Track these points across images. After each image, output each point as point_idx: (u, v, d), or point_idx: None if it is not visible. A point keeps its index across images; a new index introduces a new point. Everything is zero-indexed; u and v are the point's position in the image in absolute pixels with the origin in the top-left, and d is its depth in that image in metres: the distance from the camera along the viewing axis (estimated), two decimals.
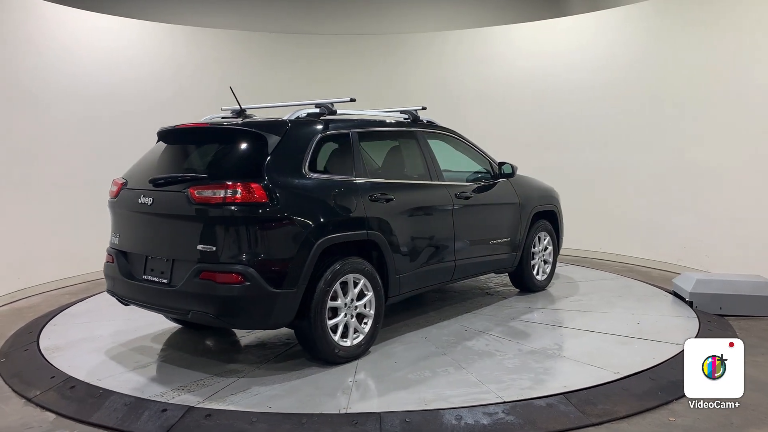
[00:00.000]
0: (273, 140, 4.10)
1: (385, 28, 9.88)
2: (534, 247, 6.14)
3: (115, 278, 4.41)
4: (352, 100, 4.65)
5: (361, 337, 4.35)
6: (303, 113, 4.53)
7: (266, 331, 4.88)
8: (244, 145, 4.17)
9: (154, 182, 4.15)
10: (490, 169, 5.80)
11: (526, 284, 6.16)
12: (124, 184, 4.46)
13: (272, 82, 8.99)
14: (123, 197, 4.41)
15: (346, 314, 4.24)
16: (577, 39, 8.47)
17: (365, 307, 4.39)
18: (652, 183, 7.69)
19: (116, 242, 4.47)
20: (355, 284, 4.31)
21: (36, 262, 6.79)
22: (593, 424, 3.36)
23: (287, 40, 9.28)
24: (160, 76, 8.14)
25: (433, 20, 10.07)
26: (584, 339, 4.77)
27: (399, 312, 5.51)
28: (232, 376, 4.07)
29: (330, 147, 4.52)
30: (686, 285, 5.72)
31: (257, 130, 4.17)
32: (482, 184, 5.66)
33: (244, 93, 8.17)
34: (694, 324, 5.06)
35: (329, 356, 4.17)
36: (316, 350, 4.18)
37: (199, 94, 8.15)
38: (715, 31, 6.93)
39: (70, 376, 4.10)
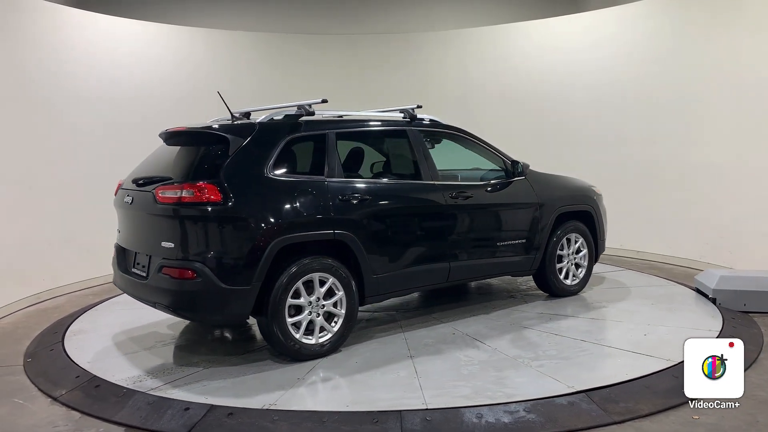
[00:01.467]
0: (237, 142, 4.26)
1: (403, 26, 9.87)
2: (562, 250, 5.79)
3: (115, 271, 4.80)
4: (324, 101, 4.64)
5: (329, 335, 4.41)
6: (280, 115, 4.63)
7: None
8: (210, 148, 4.32)
9: (136, 182, 4.46)
10: (503, 168, 5.59)
11: (551, 288, 5.83)
12: (122, 184, 4.81)
13: (290, 83, 9.03)
14: (118, 196, 4.77)
15: (310, 312, 4.32)
16: (596, 35, 8.39)
17: (336, 306, 4.44)
18: (674, 179, 7.60)
19: (117, 238, 4.88)
20: (323, 283, 4.36)
21: (60, 263, 6.90)
22: (615, 423, 3.34)
23: (304, 40, 9.31)
24: (176, 78, 8.22)
25: (451, 18, 10.03)
26: (576, 352, 4.36)
27: (406, 309, 5.51)
28: (193, 367, 4.21)
29: (301, 148, 4.63)
30: (709, 282, 5.65)
31: (222, 133, 4.35)
32: (489, 183, 5.48)
33: (261, 94, 8.27)
34: (717, 321, 4.99)
35: (289, 352, 4.27)
36: (275, 346, 4.30)
37: (214, 96, 8.20)
38: (739, 26, 6.83)
39: (95, 376, 4.16)
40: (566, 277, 5.88)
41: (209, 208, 4.00)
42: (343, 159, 4.89)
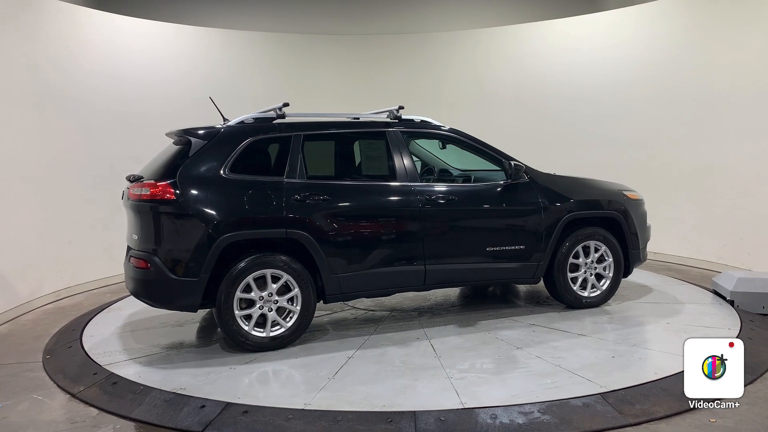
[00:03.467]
0: (198, 144, 4.58)
1: (418, 26, 9.88)
2: (576, 258, 5.42)
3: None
4: (285, 104, 4.86)
5: (282, 330, 4.59)
6: (249, 117, 4.88)
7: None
8: (180, 149, 4.64)
9: (128, 179, 4.73)
10: (503, 170, 5.30)
11: (562, 299, 5.48)
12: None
13: (304, 83, 9.08)
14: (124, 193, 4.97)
15: (261, 307, 4.52)
16: (613, 35, 8.34)
17: (291, 303, 4.60)
18: (692, 179, 7.53)
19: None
20: (277, 279, 4.54)
21: (78, 261, 6.99)
22: (631, 425, 3.31)
23: (319, 40, 9.35)
24: (191, 77, 8.31)
25: (464, 18, 10.02)
26: (532, 374, 3.99)
27: (399, 312, 5.51)
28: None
29: (263, 149, 4.82)
30: (727, 284, 5.59)
31: (187, 136, 4.68)
32: (478, 185, 5.38)
33: (273, 93, 8.30)
34: (735, 324, 4.94)
35: (238, 343, 4.51)
36: (226, 335, 4.56)
37: (228, 95, 8.27)
38: (759, 24, 6.75)
39: (112, 373, 4.22)
40: (584, 287, 5.51)
41: (163, 205, 4.37)
42: (317, 161, 5.05)
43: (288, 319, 4.61)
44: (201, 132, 4.67)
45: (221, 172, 4.50)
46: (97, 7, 7.88)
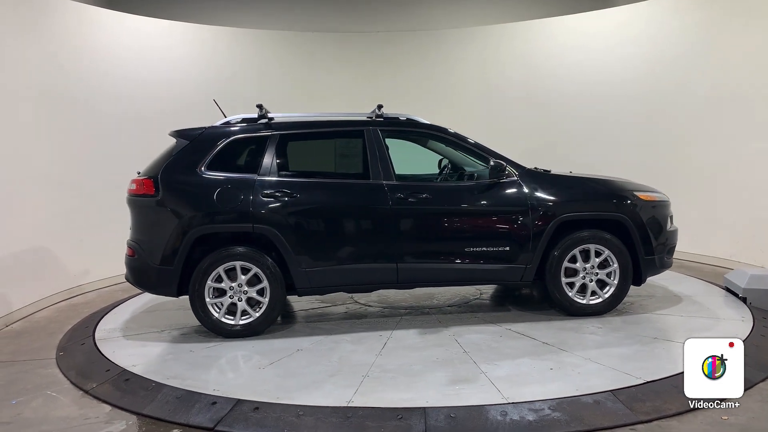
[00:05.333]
0: (182, 143, 4.99)
1: (427, 24, 9.86)
2: (574, 262, 5.08)
3: None
4: (259, 106, 5.19)
5: (251, 319, 4.87)
6: (238, 117, 5.19)
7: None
8: (168, 148, 5.06)
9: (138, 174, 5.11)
10: (489, 168, 5.08)
11: (556, 303, 5.19)
12: None
13: (313, 81, 9.10)
14: None
15: (232, 296, 4.84)
16: (624, 31, 8.29)
17: (260, 294, 4.87)
18: (704, 176, 7.48)
19: None
20: (246, 271, 4.83)
21: (90, 259, 7.05)
22: (642, 422, 3.30)
23: (328, 39, 9.36)
24: (205, 76, 8.36)
25: (473, 15, 9.98)
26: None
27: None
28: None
29: (241, 149, 5.09)
30: (739, 281, 5.54)
31: (176, 136, 5.07)
32: (456, 184, 5.35)
33: (284, 91, 8.31)
34: (747, 321, 4.90)
35: (209, 329, 4.89)
36: (199, 321, 4.90)
37: (240, 93, 8.30)
38: None
39: (124, 369, 4.25)
40: (582, 293, 5.14)
41: (145, 200, 4.87)
42: (294, 160, 5.24)
43: (257, 309, 4.87)
44: (185, 132, 5.05)
45: (198, 170, 4.86)
46: (108, 6, 7.93)
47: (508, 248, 5.02)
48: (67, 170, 6.79)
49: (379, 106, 5.32)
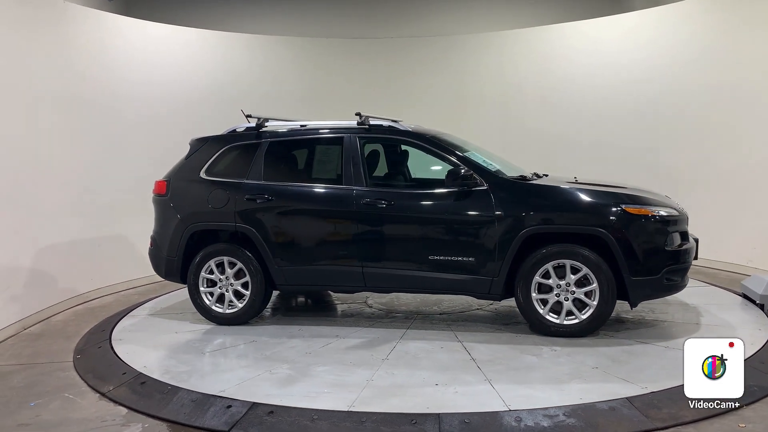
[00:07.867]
0: (192, 149, 5.66)
1: (442, 29, 9.88)
2: (547, 278, 4.67)
3: None
4: (248, 116, 5.54)
5: (236, 309, 5.36)
6: (243, 126, 5.60)
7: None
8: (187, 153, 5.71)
9: None
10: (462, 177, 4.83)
11: (527, 321, 4.89)
12: None
13: (327, 87, 9.15)
14: None
15: (221, 287, 5.38)
16: (638, 36, 8.25)
17: (245, 287, 5.33)
18: (720, 181, 7.42)
19: None
20: (232, 266, 5.35)
21: (107, 263, 7.12)
22: (658, 429, 3.28)
23: (343, 45, 9.40)
24: (222, 82, 8.43)
25: (489, 20, 10.00)
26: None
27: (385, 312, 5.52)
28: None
29: (238, 155, 5.53)
30: (757, 287, 5.49)
31: (191, 143, 5.71)
32: (423, 192, 5.31)
33: (300, 97, 8.35)
34: (765, 328, 4.85)
35: (202, 315, 5.46)
36: (194, 306, 5.48)
37: (257, 99, 8.36)
38: None
39: (141, 372, 4.29)
40: (555, 313, 4.72)
41: (160, 199, 5.62)
42: (281, 165, 5.52)
43: (242, 301, 5.34)
44: (195, 140, 5.69)
45: (200, 173, 5.48)
46: (125, 13, 8.03)
47: (472, 258, 4.82)
48: (86, 175, 6.87)
49: (358, 114, 5.27)
